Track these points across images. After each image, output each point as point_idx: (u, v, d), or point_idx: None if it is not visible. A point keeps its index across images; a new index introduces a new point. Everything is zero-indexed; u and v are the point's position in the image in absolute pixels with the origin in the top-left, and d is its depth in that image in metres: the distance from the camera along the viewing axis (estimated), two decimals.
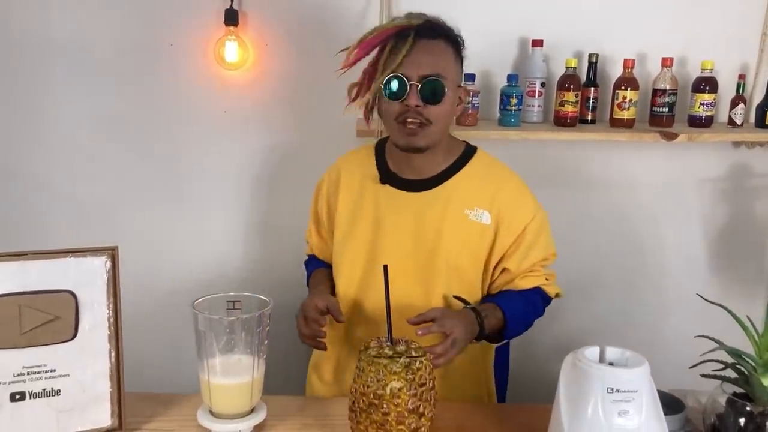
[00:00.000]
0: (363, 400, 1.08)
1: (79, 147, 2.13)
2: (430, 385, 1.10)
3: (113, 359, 1.13)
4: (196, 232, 2.19)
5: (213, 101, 2.09)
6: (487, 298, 1.46)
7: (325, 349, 1.38)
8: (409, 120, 1.33)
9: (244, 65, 2.04)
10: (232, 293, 1.16)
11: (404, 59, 1.32)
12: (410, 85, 1.32)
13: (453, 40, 1.39)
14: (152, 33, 2.05)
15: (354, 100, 1.43)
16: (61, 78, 2.08)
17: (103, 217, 2.16)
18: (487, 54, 2.05)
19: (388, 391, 1.06)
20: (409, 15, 1.38)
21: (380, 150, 1.51)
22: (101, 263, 1.13)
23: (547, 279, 1.47)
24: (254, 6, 2.03)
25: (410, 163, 1.43)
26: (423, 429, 1.09)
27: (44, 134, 2.12)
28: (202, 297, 1.14)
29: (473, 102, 1.98)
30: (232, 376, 1.12)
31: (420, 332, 1.23)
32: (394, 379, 1.06)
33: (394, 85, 1.33)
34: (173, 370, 2.10)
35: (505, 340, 1.47)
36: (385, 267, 1.20)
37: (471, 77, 1.98)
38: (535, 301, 1.45)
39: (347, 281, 1.47)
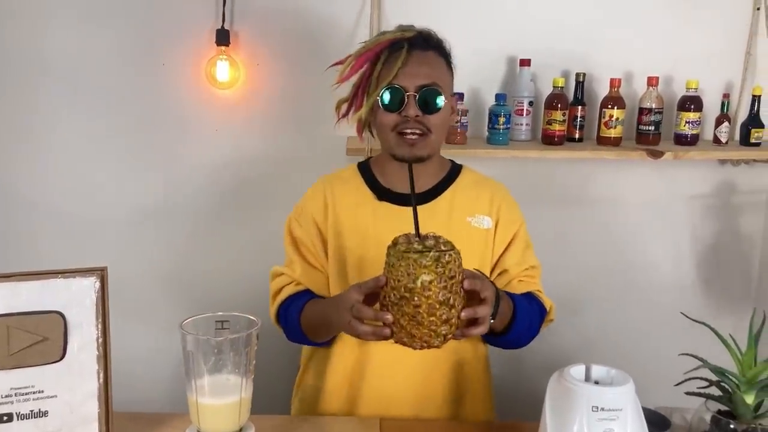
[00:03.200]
0: (394, 294, 1.10)
1: (71, 166, 2.13)
2: (459, 277, 1.12)
3: (102, 380, 1.13)
4: (187, 251, 2.19)
5: (205, 120, 2.11)
6: None
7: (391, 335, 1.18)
8: (409, 131, 1.34)
9: (235, 84, 2.05)
10: (220, 313, 1.16)
11: (400, 70, 1.33)
12: (408, 95, 1.33)
13: (444, 52, 1.41)
14: (144, 53, 2.07)
15: (345, 115, 1.44)
16: (53, 97, 2.09)
17: (95, 235, 2.16)
18: (476, 73, 2.08)
19: (419, 284, 1.07)
20: (401, 27, 1.40)
21: (364, 169, 1.49)
22: (90, 284, 1.12)
23: (540, 291, 1.47)
24: (245, 26, 2.05)
25: (406, 175, 1.41)
26: (453, 320, 1.11)
27: (35, 153, 2.12)
28: (191, 317, 1.14)
29: (462, 121, 2.00)
30: (220, 396, 1.12)
31: (464, 315, 1.12)
32: (425, 273, 1.07)
33: (392, 96, 1.33)
34: (163, 389, 2.09)
35: (505, 339, 1.38)
36: (410, 164, 1.20)
37: (460, 96, 2.00)
38: (536, 310, 1.41)
39: None
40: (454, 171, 1.49)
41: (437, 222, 1.40)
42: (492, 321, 1.25)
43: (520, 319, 1.34)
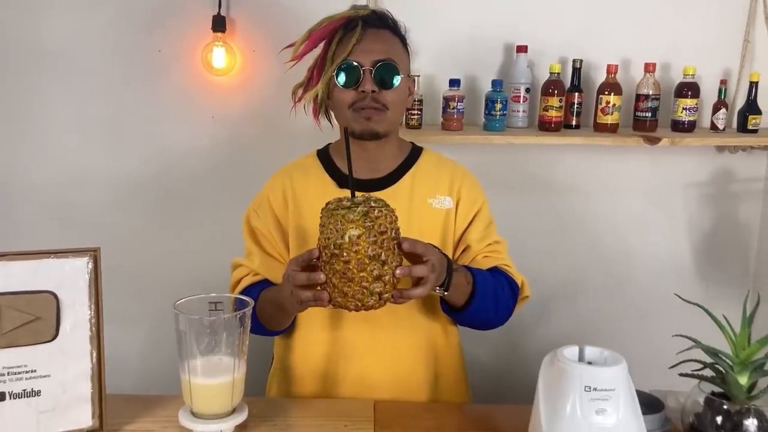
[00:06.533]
0: (325, 254, 1.11)
1: (67, 152, 2.13)
2: (392, 234, 1.11)
3: (94, 360, 1.13)
4: (183, 237, 2.19)
5: (201, 107, 2.10)
6: None
7: (329, 299, 1.16)
8: (365, 107, 1.34)
9: (231, 71, 2.05)
10: (213, 294, 1.16)
11: (355, 47, 1.33)
12: (363, 70, 1.32)
13: (399, 32, 1.41)
14: (140, 39, 2.06)
15: (301, 98, 1.43)
16: (50, 83, 2.09)
17: (91, 221, 2.16)
18: (473, 59, 2.08)
19: (347, 239, 1.08)
20: (354, 6, 1.40)
21: (323, 157, 1.49)
22: (83, 264, 1.13)
23: (507, 266, 1.45)
24: (242, 12, 2.05)
25: (366, 158, 1.41)
26: (387, 276, 1.11)
27: (32, 139, 2.13)
28: (184, 298, 1.14)
29: (458, 107, 1.99)
30: (213, 376, 1.12)
31: (399, 272, 1.12)
32: (352, 227, 1.08)
33: (348, 72, 1.33)
34: (156, 371, 2.09)
35: (466, 315, 1.35)
36: (347, 138, 1.20)
37: (456, 82, 2.00)
38: (503, 284, 1.40)
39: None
40: (414, 153, 1.49)
41: (398, 205, 1.37)
42: (446, 293, 1.25)
43: (481, 292, 1.32)
